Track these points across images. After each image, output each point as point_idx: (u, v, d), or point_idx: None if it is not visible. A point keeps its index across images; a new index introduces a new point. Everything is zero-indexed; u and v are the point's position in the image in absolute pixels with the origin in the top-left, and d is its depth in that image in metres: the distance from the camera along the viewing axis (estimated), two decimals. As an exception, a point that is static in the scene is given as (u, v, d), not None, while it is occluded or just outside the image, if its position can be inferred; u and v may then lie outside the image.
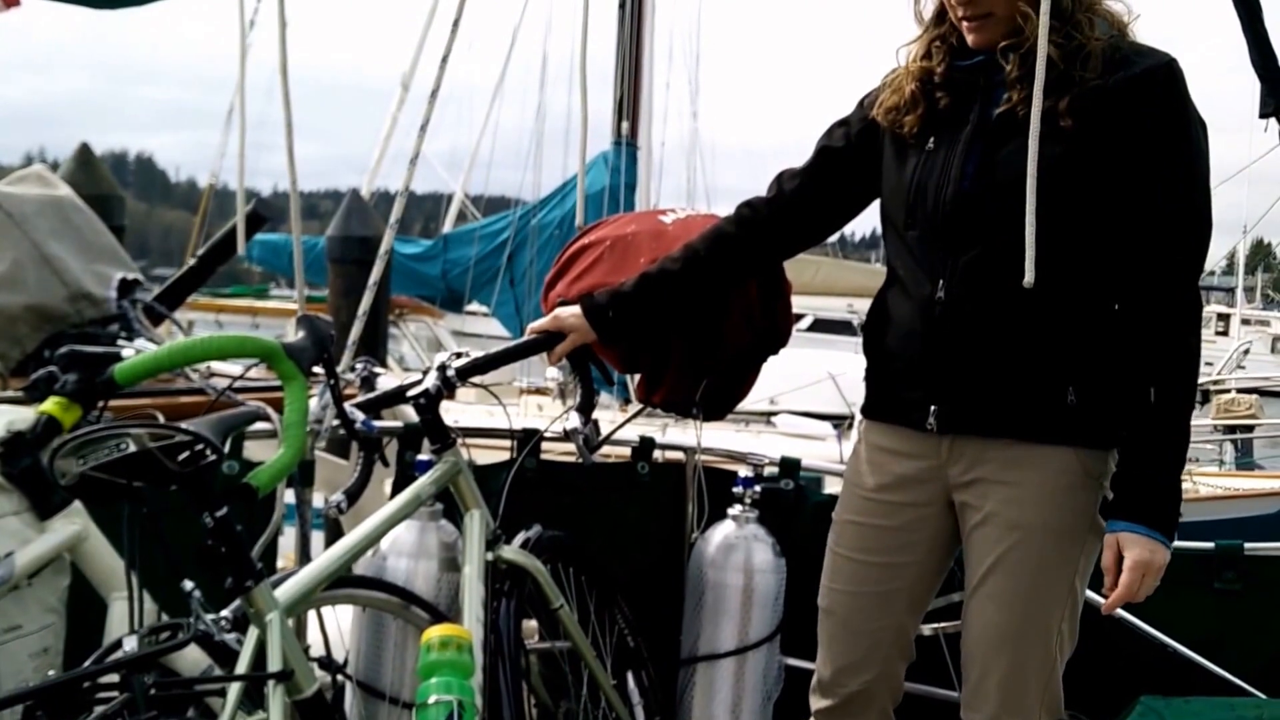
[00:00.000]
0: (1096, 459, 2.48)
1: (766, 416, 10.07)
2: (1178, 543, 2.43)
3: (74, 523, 2.59)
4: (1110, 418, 2.46)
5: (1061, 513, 2.46)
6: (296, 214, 3.96)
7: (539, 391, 10.82)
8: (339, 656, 2.74)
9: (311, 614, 2.75)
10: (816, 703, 2.73)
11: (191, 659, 2.44)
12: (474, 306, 14.16)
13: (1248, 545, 3.25)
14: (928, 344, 2.51)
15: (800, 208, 2.78)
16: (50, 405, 2.21)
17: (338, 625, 2.80)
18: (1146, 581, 2.36)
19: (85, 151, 7.21)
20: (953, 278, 2.47)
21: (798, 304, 3.25)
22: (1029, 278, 2.35)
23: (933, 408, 2.52)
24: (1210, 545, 3.24)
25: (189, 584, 2.17)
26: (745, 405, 3.35)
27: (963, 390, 2.49)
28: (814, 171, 2.76)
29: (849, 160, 2.71)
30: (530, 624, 3.01)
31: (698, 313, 2.99)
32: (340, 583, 2.55)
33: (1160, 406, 2.39)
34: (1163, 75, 2.38)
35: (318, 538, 3.42)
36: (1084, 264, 2.43)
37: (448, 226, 16.06)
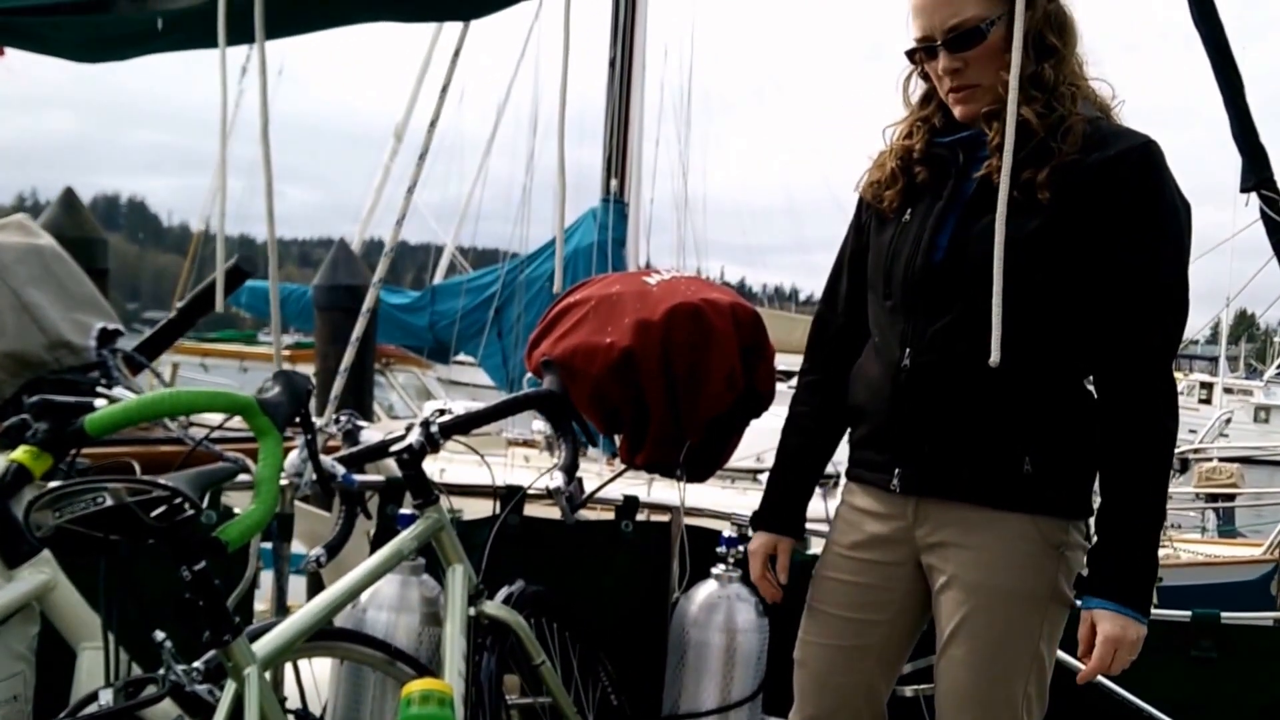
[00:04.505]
0: (1056, 528, 2.49)
1: (753, 474, 10.06)
2: (1155, 611, 2.44)
3: (43, 571, 2.57)
4: (1069, 488, 2.49)
5: (1022, 578, 2.48)
6: (274, 270, 3.96)
7: (526, 444, 10.83)
8: (315, 708, 2.71)
9: (288, 665, 2.73)
10: None
11: (162, 710, 2.41)
12: (461, 356, 14.16)
13: (1224, 615, 3.27)
14: (893, 408, 2.55)
15: (853, 335, 2.77)
16: (20, 454, 2.21)
17: (313, 676, 2.77)
18: (1119, 656, 2.38)
19: (70, 195, 7.20)
20: (919, 345, 2.51)
21: (784, 362, 3.25)
22: (995, 357, 2.37)
23: (896, 470, 2.56)
24: (1187, 614, 3.27)
25: (160, 634, 2.14)
26: (731, 462, 3.35)
27: (924, 454, 2.53)
28: (852, 291, 2.76)
29: (865, 249, 2.74)
30: (512, 679, 2.98)
31: (678, 378, 3.00)
32: (321, 635, 2.53)
33: (1135, 486, 2.41)
34: (1138, 156, 2.40)
35: (299, 587, 3.40)
36: (1050, 339, 2.45)
37: (439, 278, 16.09)
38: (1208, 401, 33.74)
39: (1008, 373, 2.40)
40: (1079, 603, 2.45)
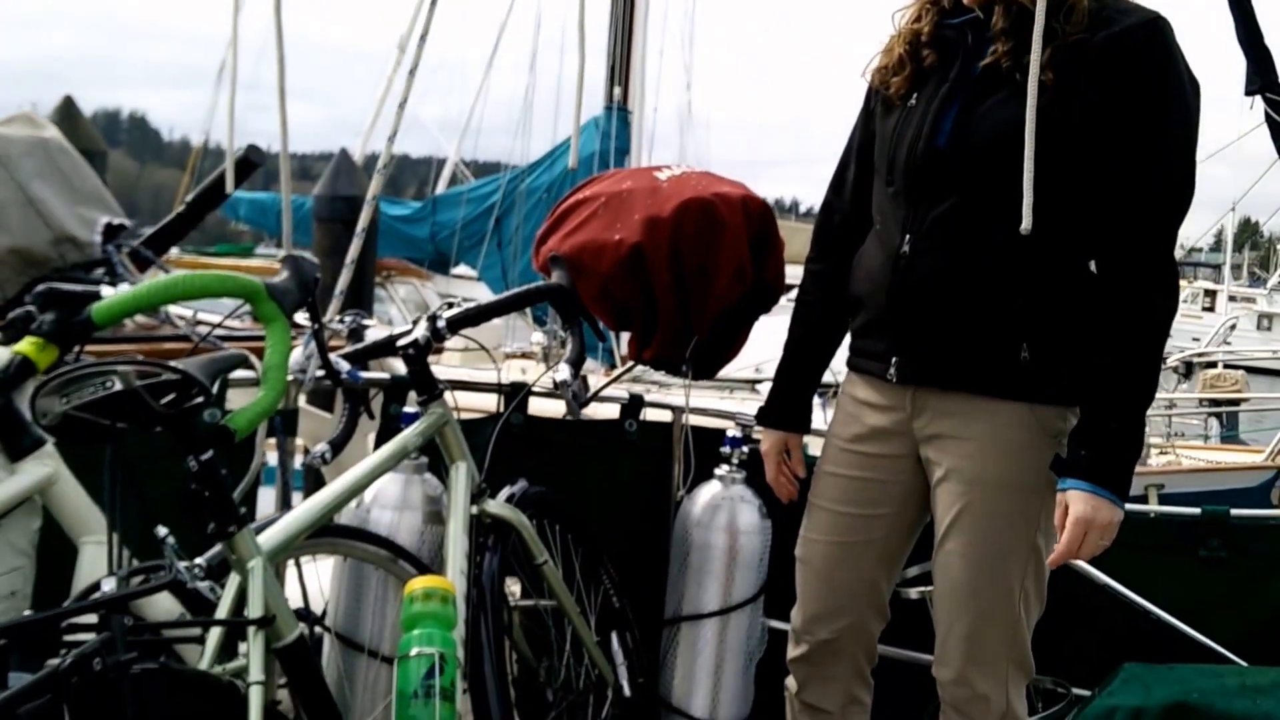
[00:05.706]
0: (1054, 415, 2.46)
1: (752, 384, 10.05)
2: (1163, 508, 2.40)
3: (45, 465, 2.52)
4: (1067, 375, 2.44)
5: (1019, 469, 2.46)
6: (285, 158, 3.91)
7: (524, 356, 10.82)
8: (316, 609, 2.71)
9: (290, 566, 2.72)
10: (791, 650, 2.78)
11: (163, 608, 2.40)
12: (461, 270, 14.11)
13: (1234, 512, 3.22)
14: (891, 296, 2.52)
15: (859, 224, 2.72)
16: (25, 345, 2.15)
17: (317, 577, 2.77)
18: (1089, 539, 2.33)
19: (69, 105, 7.11)
20: (920, 231, 2.48)
21: (790, 274, 3.22)
22: (1026, 223, 2.33)
23: (894, 359, 2.54)
24: (1196, 511, 3.21)
25: (163, 530, 2.11)
26: (732, 373, 3.33)
27: (920, 343, 2.50)
28: (859, 179, 2.73)
29: (873, 137, 2.69)
30: (515, 591, 2.99)
31: (687, 274, 2.96)
32: (323, 531, 2.52)
33: (1123, 362, 2.36)
34: (1144, 33, 2.36)
35: (297, 493, 3.39)
36: (1053, 220, 2.38)
37: (441, 190, 15.98)
38: (1211, 309, 33.74)
39: (1007, 257, 2.39)
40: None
